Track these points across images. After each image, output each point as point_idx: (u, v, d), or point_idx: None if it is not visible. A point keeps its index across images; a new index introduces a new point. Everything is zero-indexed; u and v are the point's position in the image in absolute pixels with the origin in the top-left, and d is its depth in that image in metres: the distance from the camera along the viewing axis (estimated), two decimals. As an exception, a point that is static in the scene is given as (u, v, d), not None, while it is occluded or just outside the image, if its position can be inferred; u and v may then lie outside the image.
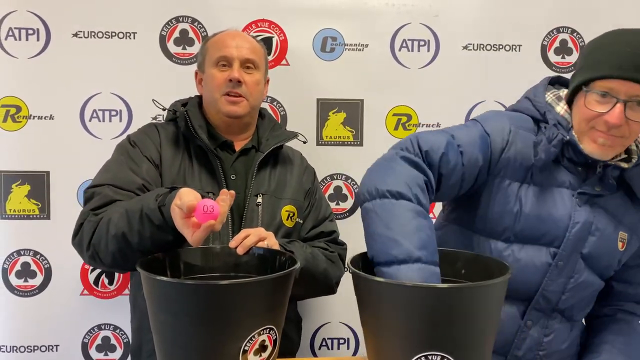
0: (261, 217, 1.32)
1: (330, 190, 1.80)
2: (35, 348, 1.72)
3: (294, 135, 1.46)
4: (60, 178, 1.70)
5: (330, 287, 1.39)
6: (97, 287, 1.73)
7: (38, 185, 1.70)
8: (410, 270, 0.93)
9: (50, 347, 1.73)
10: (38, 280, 1.71)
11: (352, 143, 1.79)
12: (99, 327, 1.74)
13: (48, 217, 1.71)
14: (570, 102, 1.16)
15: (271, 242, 1.15)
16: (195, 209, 0.95)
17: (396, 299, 0.87)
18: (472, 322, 0.85)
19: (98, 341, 1.74)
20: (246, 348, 0.90)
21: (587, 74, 1.08)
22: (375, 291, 0.90)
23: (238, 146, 1.40)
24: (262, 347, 0.92)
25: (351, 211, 1.81)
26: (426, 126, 1.80)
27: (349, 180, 1.80)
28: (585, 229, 1.14)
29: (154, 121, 1.49)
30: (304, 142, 1.50)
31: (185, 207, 0.95)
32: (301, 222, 1.40)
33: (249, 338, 0.89)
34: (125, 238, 1.08)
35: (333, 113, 1.78)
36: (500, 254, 1.15)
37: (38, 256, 1.72)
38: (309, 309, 1.77)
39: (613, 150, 1.11)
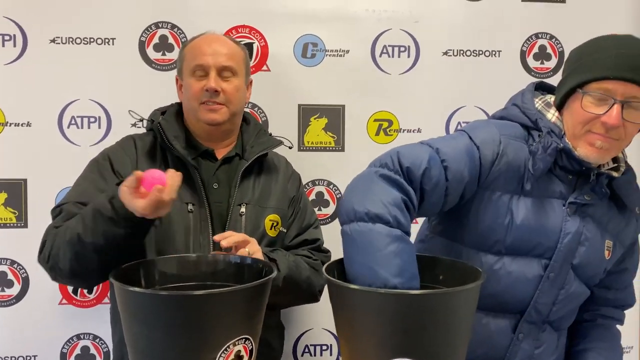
0: (244, 227, 1.30)
1: (312, 196, 1.79)
2: (13, 358, 1.69)
3: (279, 142, 1.44)
4: (37, 186, 1.68)
5: (313, 295, 1.39)
6: (76, 296, 1.71)
7: (15, 193, 1.67)
8: None
9: (29, 357, 1.70)
10: (15, 289, 1.68)
11: (334, 148, 1.79)
12: (78, 337, 1.71)
13: (25, 226, 1.68)
14: (559, 107, 1.15)
15: (253, 248, 1.15)
16: (142, 179, 0.98)
17: (369, 306, 0.87)
18: (443, 328, 0.85)
19: (77, 351, 1.71)
20: (221, 359, 0.89)
21: (583, 76, 1.07)
22: (348, 298, 0.90)
23: (220, 154, 1.38)
24: (238, 358, 0.92)
25: (333, 217, 1.80)
26: (407, 131, 1.80)
27: (331, 186, 1.80)
28: (576, 240, 1.13)
29: (133, 133, 1.45)
30: (290, 148, 1.49)
31: (132, 180, 0.98)
32: (285, 230, 1.39)
33: (223, 349, 0.89)
34: (79, 239, 1.08)
35: (314, 119, 1.78)
36: (491, 267, 1.13)
37: (15, 265, 1.69)
38: (291, 315, 1.76)
39: (609, 154, 1.10)
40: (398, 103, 1.79)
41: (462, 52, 1.81)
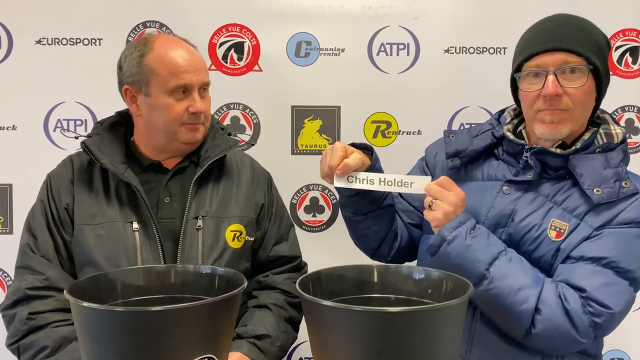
0: (202, 242, 1.21)
1: (307, 202, 1.72)
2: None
3: (236, 143, 1.29)
4: (23, 191, 1.64)
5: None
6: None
7: (0, 198, 1.63)
8: None
9: None
10: (0, 297, 1.64)
11: (329, 152, 1.71)
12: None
13: (11, 232, 1.64)
14: (517, 101, 1.22)
15: None
16: None
17: (340, 324, 0.79)
18: (422, 350, 0.76)
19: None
20: (180, 380, 0.81)
21: (516, 62, 1.15)
22: (320, 315, 0.82)
23: (171, 164, 1.26)
24: (201, 378, 0.84)
25: (328, 223, 1.72)
26: (406, 133, 1.72)
27: (326, 191, 1.72)
28: (505, 215, 1.15)
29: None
30: (253, 145, 1.40)
31: None
32: (252, 239, 1.29)
33: (183, 369, 0.81)
34: None
35: (309, 120, 1.70)
36: None
37: (0, 272, 1.65)
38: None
39: (565, 127, 1.11)
40: (397, 104, 1.72)
41: (464, 49, 1.72)
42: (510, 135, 1.18)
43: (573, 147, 1.13)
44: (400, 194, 1.31)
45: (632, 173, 1.15)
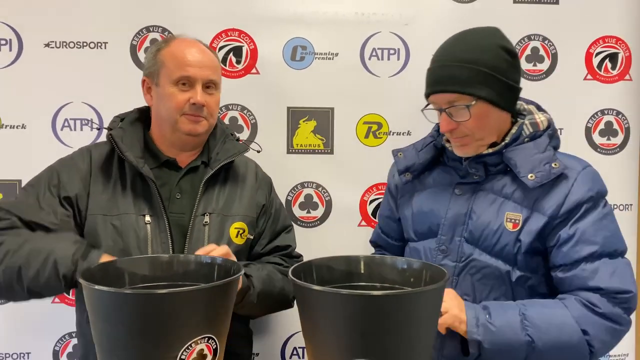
0: (208, 237, 1.29)
1: (301, 199, 1.80)
2: (7, 355, 1.73)
3: (245, 149, 1.40)
4: (31, 186, 1.71)
5: (287, 303, 1.40)
6: (68, 294, 1.74)
7: (10, 193, 1.71)
8: None
9: (22, 355, 1.73)
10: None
11: (323, 151, 1.79)
12: (70, 335, 1.74)
13: (19, 226, 1.71)
14: None
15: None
16: None
17: (329, 307, 0.87)
18: (402, 330, 0.85)
19: (69, 349, 1.75)
20: (183, 357, 0.90)
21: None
22: (311, 299, 0.90)
23: (184, 162, 1.35)
24: (201, 356, 0.93)
25: (322, 219, 1.81)
26: (396, 134, 1.80)
27: (320, 189, 1.80)
28: (462, 214, 1.26)
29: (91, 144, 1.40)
30: (258, 152, 1.49)
31: None
32: (252, 237, 1.37)
33: (185, 347, 0.90)
34: (19, 272, 1.12)
35: (303, 121, 1.78)
36: (415, 252, 1.34)
37: (9, 264, 1.72)
38: (279, 318, 1.76)
39: (470, 148, 1.25)
40: (387, 106, 1.80)
41: (452, 54, 1.79)
42: (449, 147, 1.30)
43: (503, 143, 1.23)
44: (383, 233, 1.51)
45: (561, 153, 1.25)
